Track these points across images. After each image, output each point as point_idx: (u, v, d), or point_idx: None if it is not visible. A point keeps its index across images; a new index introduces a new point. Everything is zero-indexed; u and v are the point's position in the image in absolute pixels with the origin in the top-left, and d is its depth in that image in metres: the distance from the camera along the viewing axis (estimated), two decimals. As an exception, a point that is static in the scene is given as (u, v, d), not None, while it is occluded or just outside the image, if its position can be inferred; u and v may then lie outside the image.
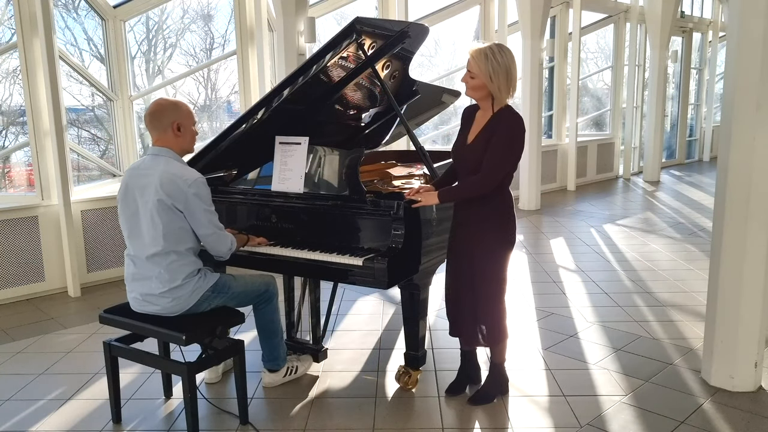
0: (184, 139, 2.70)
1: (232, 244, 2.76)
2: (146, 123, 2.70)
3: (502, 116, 2.68)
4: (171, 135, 2.67)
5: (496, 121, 2.68)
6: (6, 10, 4.88)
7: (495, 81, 2.62)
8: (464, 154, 2.78)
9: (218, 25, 6.54)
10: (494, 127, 2.67)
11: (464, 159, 2.78)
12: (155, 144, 2.69)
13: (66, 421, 2.89)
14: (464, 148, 2.78)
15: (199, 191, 2.59)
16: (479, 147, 2.69)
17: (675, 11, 10.13)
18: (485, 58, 2.61)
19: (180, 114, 2.68)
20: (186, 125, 2.70)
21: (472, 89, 2.69)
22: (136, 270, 2.68)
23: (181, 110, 2.69)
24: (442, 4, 8.01)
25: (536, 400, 3.00)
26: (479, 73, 2.63)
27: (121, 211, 2.70)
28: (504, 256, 2.81)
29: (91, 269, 5.02)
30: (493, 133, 2.66)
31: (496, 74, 2.61)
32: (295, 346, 3.35)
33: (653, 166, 10.53)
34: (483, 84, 2.64)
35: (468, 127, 2.81)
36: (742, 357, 3.01)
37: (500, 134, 2.64)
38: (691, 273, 5.09)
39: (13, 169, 5.28)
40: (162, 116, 2.66)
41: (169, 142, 2.67)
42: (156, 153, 2.66)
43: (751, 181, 2.87)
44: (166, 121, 2.65)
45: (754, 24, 2.80)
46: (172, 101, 2.73)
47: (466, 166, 2.76)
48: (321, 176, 3.08)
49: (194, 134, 2.76)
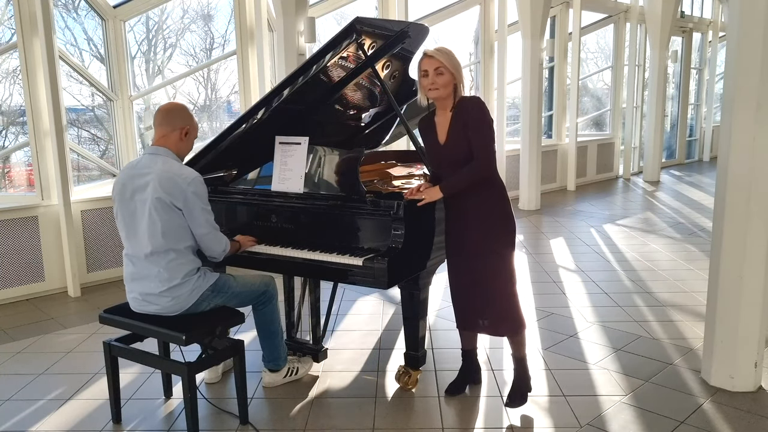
0: (186, 145, 2.76)
1: (226, 245, 2.77)
2: (157, 118, 2.72)
3: (463, 103, 2.76)
4: (176, 137, 2.70)
5: (460, 112, 2.74)
6: (6, 10, 4.88)
7: (458, 71, 2.73)
8: (442, 154, 2.81)
9: (218, 25, 6.55)
10: (462, 117, 2.73)
11: (444, 158, 2.81)
12: (156, 143, 2.69)
13: (66, 421, 2.89)
14: (439, 149, 2.82)
15: (198, 190, 2.61)
16: (455, 141, 2.74)
17: (675, 11, 10.13)
18: (446, 53, 2.72)
19: (193, 123, 2.77)
20: (192, 135, 2.77)
21: (443, 86, 2.71)
22: (134, 269, 2.68)
23: (194, 120, 2.79)
24: (442, 4, 8.01)
25: (536, 400, 3.00)
26: (449, 66, 2.69)
27: (118, 210, 2.69)
28: (509, 245, 2.83)
29: (91, 269, 5.02)
30: (465, 123, 2.71)
31: (457, 67, 2.73)
32: (295, 346, 3.35)
33: (653, 166, 10.53)
34: (452, 78, 2.71)
35: (433, 132, 2.84)
36: (742, 357, 3.01)
37: (473, 117, 2.71)
38: (691, 273, 5.09)
39: (13, 169, 5.28)
40: (177, 116, 2.71)
41: (171, 144, 2.69)
42: (154, 152, 2.67)
43: (751, 181, 2.87)
44: (178, 123, 2.69)
45: (754, 24, 2.80)
46: (186, 107, 2.81)
47: (446, 162, 2.79)
48: (321, 176, 3.08)
49: (192, 146, 2.83)
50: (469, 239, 2.81)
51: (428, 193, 2.77)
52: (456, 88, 2.75)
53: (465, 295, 2.90)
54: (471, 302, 2.88)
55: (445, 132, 2.78)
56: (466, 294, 2.89)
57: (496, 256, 2.79)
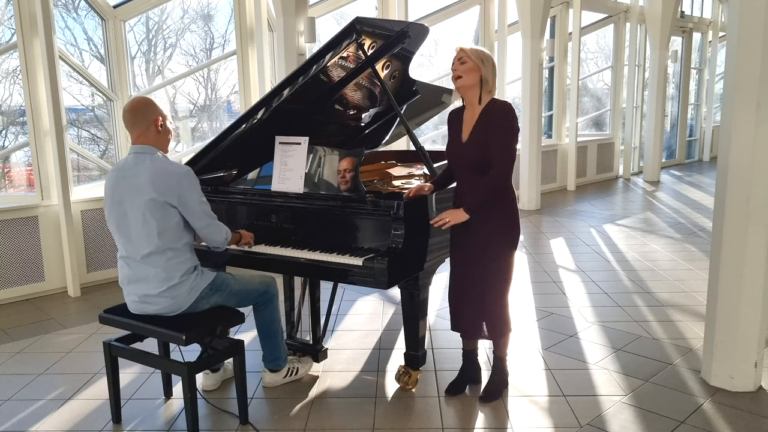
0: (165, 137, 2.67)
1: (227, 234, 2.76)
2: (126, 120, 2.62)
3: (493, 107, 2.74)
4: (153, 132, 2.62)
5: (488, 113, 2.73)
6: (6, 10, 4.88)
7: (486, 66, 2.70)
8: (461, 152, 2.80)
9: (218, 25, 6.55)
10: (488, 119, 2.71)
11: (462, 157, 2.80)
12: (136, 142, 2.63)
13: (66, 421, 2.89)
14: (460, 147, 2.80)
15: (191, 183, 2.58)
16: (476, 142, 2.72)
17: (675, 11, 10.13)
18: (473, 47, 2.72)
19: (161, 111, 2.64)
20: (165, 122, 2.67)
21: (465, 73, 2.70)
22: (131, 272, 2.66)
23: (159, 107, 2.65)
24: (442, 4, 8.01)
25: (536, 400, 3.00)
26: (471, 56, 2.69)
27: (109, 214, 2.65)
28: (512, 251, 2.85)
29: (91, 269, 5.02)
30: (488, 125, 2.69)
31: (484, 61, 2.71)
32: (295, 346, 3.35)
33: (653, 166, 10.53)
34: (476, 67, 2.69)
35: (458, 128, 2.84)
36: (742, 357, 3.01)
37: (499, 124, 2.69)
38: (691, 273, 5.09)
39: (13, 169, 5.28)
40: (146, 111, 2.61)
41: (151, 140, 2.62)
42: (139, 151, 2.61)
43: (751, 181, 2.87)
44: (150, 117, 2.61)
45: (754, 24, 2.79)
46: (149, 98, 2.69)
47: (466, 163, 2.78)
48: (321, 176, 3.08)
49: (170, 132, 2.71)
50: (474, 241, 2.81)
51: (452, 216, 2.73)
52: (482, 83, 2.71)
53: (462, 297, 2.91)
54: (467, 304, 2.89)
55: (470, 130, 2.77)
56: (464, 296, 2.89)
57: (499, 258, 2.80)
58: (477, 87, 2.72)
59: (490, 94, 2.75)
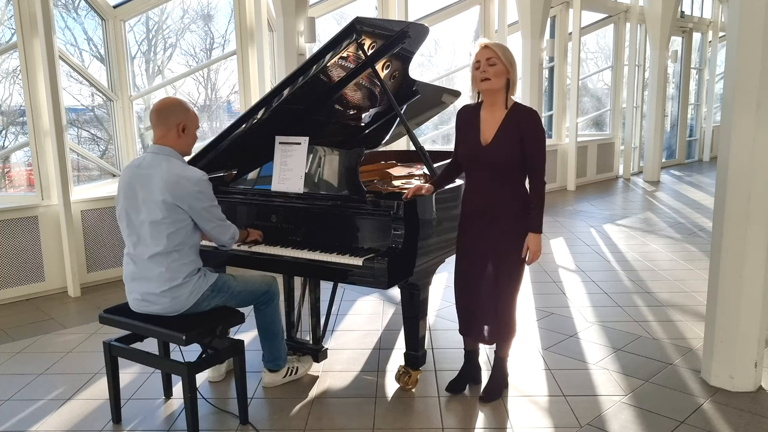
0: (186, 141, 2.71)
1: (234, 233, 2.78)
2: (152, 118, 2.69)
3: (523, 113, 2.69)
4: (174, 135, 2.66)
5: (515, 117, 2.67)
6: (6, 10, 4.88)
7: (513, 68, 2.68)
8: (482, 154, 2.71)
9: (218, 25, 6.55)
10: (517, 125, 2.66)
11: (482, 159, 2.72)
12: (157, 142, 2.67)
13: (66, 421, 2.89)
14: (480, 148, 2.72)
15: (204, 189, 2.60)
16: (503, 145, 2.67)
17: (675, 11, 10.13)
18: (501, 46, 2.68)
19: (188, 116, 2.69)
20: (190, 128, 2.71)
21: (495, 76, 2.63)
22: (136, 269, 2.67)
23: (189, 112, 2.70)
24: (442, 4, 8.01)
25: (536, 400, 3.00)
26: (501, 57, 2.63)
27: (121, 209, 2.68)
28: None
29: (91, 269, 5.02)
30: (520, 131, 2.65)
31: (513, 63, 2.68)
32: (295, 346, 3.35)
33: (653, 166, 10.53)
34: (505, 70, 2.65)
35: (475, 128, 2.75)
36: (742, 357, 3.01)
37: (533, 133, 2.66)
38: (691, 273, 5.09)
39: (13, 169, 5.28)
40: (170, 114, 2.66)
41: (171, 142, 2.66)
42: (157, 151, 2.65)
43: (751, 181, 2.87)
44: (173, 121, 2.65)
45: (754, 24, 2.79)
46: (182, 101, 2.73)
47: (485, 165, 2.72)
48: (321, 176, 3.08)
49: (195, 138, 2.76)
50: (489, 242, 2.78)
51: (534, 245, 2.73)
52: (509, 85, 2.67)
53: (473, 301, 2.87)
54: (478, 308, 2.86)
55: (493, 132, 2.70)
56: (475, 299, 2.86)
57: (513, 257, 2.77)
58: (504, 89, 2.68)
59: (513, 95, 2.72)
